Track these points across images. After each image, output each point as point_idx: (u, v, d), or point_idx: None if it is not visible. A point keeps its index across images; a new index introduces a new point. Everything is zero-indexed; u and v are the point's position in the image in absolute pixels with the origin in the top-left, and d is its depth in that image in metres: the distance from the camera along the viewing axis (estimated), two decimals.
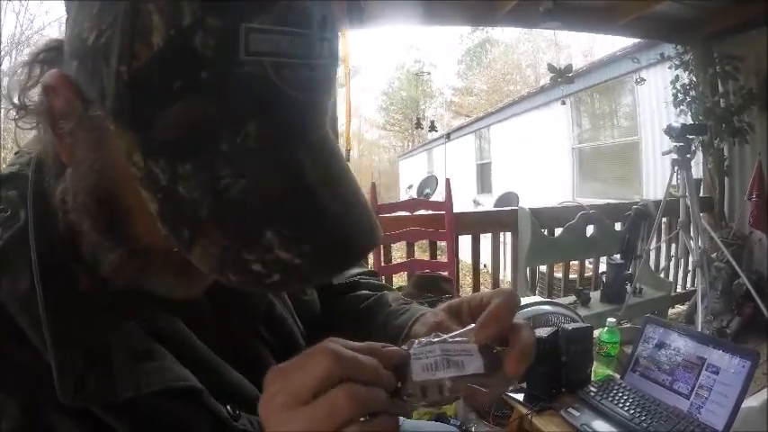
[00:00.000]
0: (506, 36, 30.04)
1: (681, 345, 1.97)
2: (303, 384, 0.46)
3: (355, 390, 0.45)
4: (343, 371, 0.46)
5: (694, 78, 4.93)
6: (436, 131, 14.48)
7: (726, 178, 5.01)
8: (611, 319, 2.40)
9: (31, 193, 0.59)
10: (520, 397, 2.01)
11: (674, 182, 3.89)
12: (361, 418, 0.46)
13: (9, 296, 0.53)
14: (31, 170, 0.61)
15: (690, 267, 4.54)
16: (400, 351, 0.54)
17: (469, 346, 0.55)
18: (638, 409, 1.88)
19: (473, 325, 0.58)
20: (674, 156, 3.74)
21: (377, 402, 0.47)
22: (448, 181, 3.79)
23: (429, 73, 31.43)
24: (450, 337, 0.57)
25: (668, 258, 4.91)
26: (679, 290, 4.93)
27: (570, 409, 1.90)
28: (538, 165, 10.59)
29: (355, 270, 0.99)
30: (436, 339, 0.56)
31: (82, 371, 0.52)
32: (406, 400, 0.52)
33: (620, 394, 1.97)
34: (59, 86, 0.48)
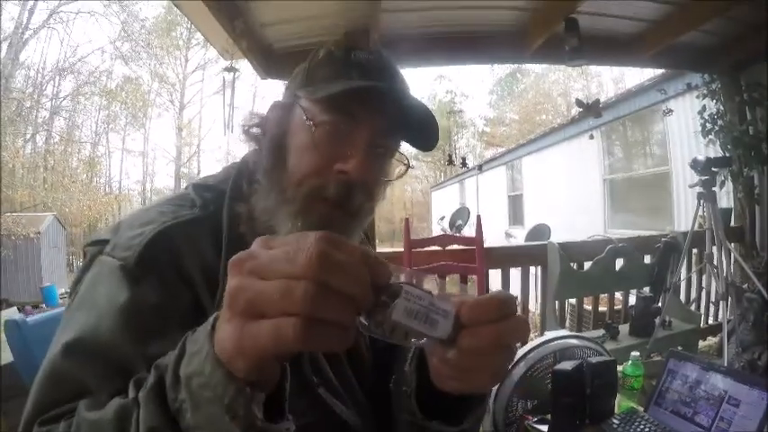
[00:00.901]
0: (537, 66, 30.03)
1: (702, 377, 2.01)
2: (274, 269, 0.48)
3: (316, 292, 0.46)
4: (321, 275, 0.46)
5: (722, 107, 4.90)
6: (467, 168, 14.53)
7: (756, 206, 4.90)
8: (634, 353, 2.44)
9: (230, 188, 1.02)
10: (544, 428, 2.07)
11: (700, 212, 3.92)
12: None
13: (188, 248, 0.90)
14: (231, 178, 1.04)
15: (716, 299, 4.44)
16: (394, 282, 0.55)
17: (449, 309, 0.56)
18: None
19: (469, 295, 0.62)
20: (700, 189, 3.78)
21: (334, 312, 0.48)
22: (479, 217, 3.90)
23: (462, 111, 31.55)
24: (440, 297, 0.57)
25: (698, 290, 4.83)
26: (711, 321, 4.84)
27: None
28: (569, 196, 10.58)
29: None
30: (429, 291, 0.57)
31: None
32: (367, 324, 0.54)
33: (643, 426, 2.01)
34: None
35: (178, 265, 0.87)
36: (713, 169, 3.80)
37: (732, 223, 4.95)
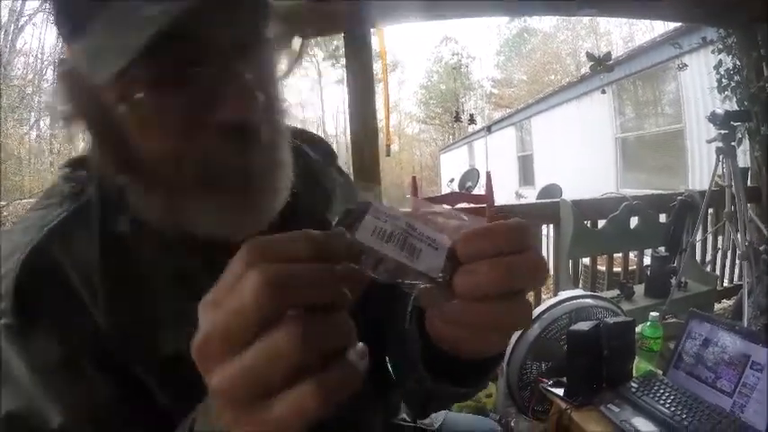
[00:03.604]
0: (544, 25, 29.83)
1: (725, 341, 1.93)
2: (238, 325, 0.37)
3: (300, 326, 0.36)
4: (282, 299, 0.37)
5: (738, 63, 4.75)
6: (475, 125, 14.42)
7: None
8: (653, 314, 2.36)
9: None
10: (560, 391, 2.01)
11: (719, 171, 3.77)
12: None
13: (68, 258, 0.66)
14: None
15: (737, 260, 4.38)
16: (349, 239, 0.43)
17: (441, 239, 0.45)
18: (680, 407, 1.85)
19: (468, 219, 0.49)
20: (719, 144, 3.63)
21: (334, 336, 0.39)
22: (489, 174, 3.76)
23: (467, 65, 31.27)
24: (428, 215, 0.48)
25: (714, 251, 4.75)
26: (726, 284, 4.76)
27: (610, 405, 1.89)
28: (580, 156, 10.45)
29: None
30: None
31: (127, 331, 0.63)
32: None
33: (662, 391, 1.94)
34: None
35: (65, 283, 0.65)
36: (732, 123, 3.64)
37: (749, 183, 4.77)
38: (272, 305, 0.36)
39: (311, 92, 31.11)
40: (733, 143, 3.63)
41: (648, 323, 2.32)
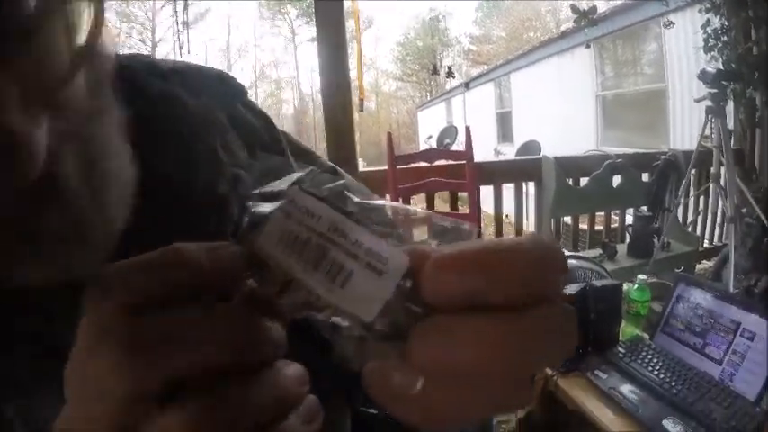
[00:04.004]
0: None
1: (714, 306, 1.89)
2: (102, 415, 0.25)
3: (191, 411, 0.24)
4: (152, 374, 0.24)
5: (726, 23, 4.65)
6: (453, 78, 14.27)
7: (757, 130, 4.76)
8: (641, 276, 2.28)
9: None
10: None
11: (706, 131, 3.69)
12: None
13: None
14: None
15: (722, 222, 4.42)
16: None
17: (392, 255, 0.26)
18: (668, 374, 1.82)
19: (450, 225, 0.30)
20: (709, 103, 3.53)
21: (255, 411, 0.26)
22: (468, 129, 3.64)
23: (444, 17, 30.93)
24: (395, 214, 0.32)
25: (696, 212, 4.75)
26: (706, 244, 4.78)
27: (597, 372, 1.86)
28: (560, 113, 10.32)
29: None
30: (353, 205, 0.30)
31: None
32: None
33: (650, 356, 1.90)
34: None
35: None
36: (723, 82, 3.54)
37: (732, 145, 4.73)
38: (140, 389, 0.24)
39: (285, 51, 30.54)
40: (723, 103, 3.54)
41: (636, 286, 2.25)
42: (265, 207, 0.29)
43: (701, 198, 4.64)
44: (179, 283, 0.26)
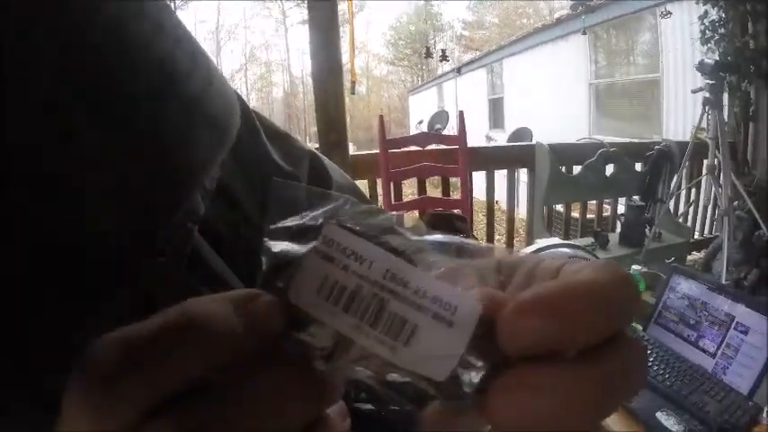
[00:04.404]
0: None
1: (708, 299, 1.86)
2: None
3: None
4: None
5: (724, 15, 4.62)
6: (447, 61, 14.20)
7: (751, 123, 4.75)
8: (635, 266, 2.27)
9: None
10: None
11: (703, 122, 3.66)
12: None
13: None
14: None
15: (715, 215, 4.42)
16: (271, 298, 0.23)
17: (462, 300, 0.22)
18: (662, 366, 1.81)
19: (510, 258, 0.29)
20: (706, 94, 3.50)
21: None
22: (461, 113, 3.58)
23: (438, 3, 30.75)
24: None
25: (687, 204, 4.74)
26: (697, 236, 4.78)
27: None
28: (553, 100, 10.29)
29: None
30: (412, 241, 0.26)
31: None
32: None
33: None
34: None
35: None
36: (721, 74, 3.52)
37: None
38: None
39: (275, 33, 30.20)
40: (720, 94, 3.52)
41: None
42: (289, 246, 0.24)
43: (693, 189, 4.64)
44: (206, 363, 0.21)
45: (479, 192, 4.08)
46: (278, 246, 0.24)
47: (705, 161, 3.81)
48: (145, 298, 0.40)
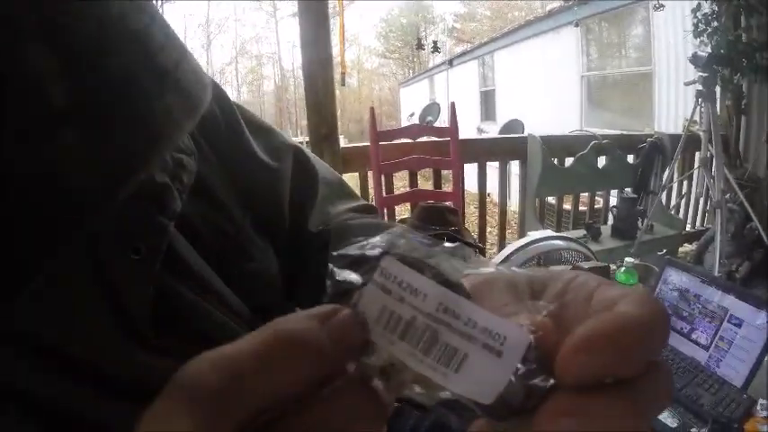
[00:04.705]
0: None
1: (702, 292, 1.85)
2: None
3: None
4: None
5: (717, 8, 4.59)
6: (439, 52, 14.19)
7: (743, 117, 4.75)
8: (629, 259, 2.25)
9: None
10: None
11: (696, 114, 3.68)
12: None
13: None
14: None
15: (707, 207, 4.42)
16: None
17: (510, 331, 0.24)
18: None
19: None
20: (699, 87, 3.50)
21: None
22: (453, 105, 3.56)
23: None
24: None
25: (679, 196, 4.74)
26: (688, 228, 4.78)
27: None
28: (544, 92, 10.32)
29: (343, 206, 0.75)
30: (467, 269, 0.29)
31: None
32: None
33: None
34: None
35: None
36: (715, 67, 3.54)
37: None
38: None
39: (266, 26, 30.04)
40: (715, 87, 3.56)
41: (623, 269, 2.21)
42: (351, 276, 0.26)
43: (685, 182, 4.64)
44: (300, 376, 0.23)
45: (471, 184, 4.06)
46: (341, 273, 0.26)
47: (697, 153, 3.83)
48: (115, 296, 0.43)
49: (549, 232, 2.55)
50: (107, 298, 0.42)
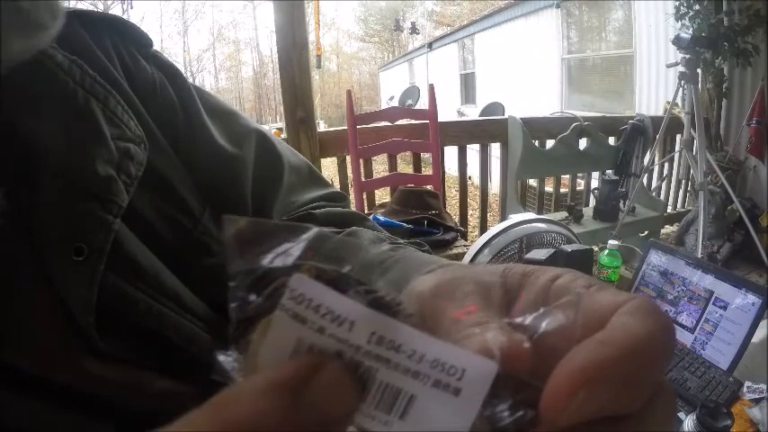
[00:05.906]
0: None
1: (687, 275, 1.84)
2: None
3: None
4: None
5: None
6: (418, 34, 14.17)
7: (724, 100, 4.81)
8: (612, 241, 2.21)
9: None
10: None
11: (677, 98, 3.69)
12: None
13: None
14: None
15: (688, 189, 4.55)
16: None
17: (469, 364, 0.19)
18: None
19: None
20: (682, 69, 3.49)
21: None
22: (432, 87, 3.49)
23: None
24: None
25: (660, 178, 4.77)
26: (669, 210, 4.81)
27: None
28: (525, 75, 10.35)
29: (311, 194, 0.70)
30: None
31: None
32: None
33: None
34: None
35: None
36: (698, 48, 3.54)
37: None
38: None
39: (243, 11, 29.74)
40: (698, 69, 3.56)
41: (606, 251, 2.18)
42: (255, 298, 0.20)
43: (666, 164, 4.67)
44: None
45: (452, 167, 4.02)
46: (243, 294, 0.21)
47: (678, 136, 3.85)
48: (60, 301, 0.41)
49: (531, 215, 2.50)
50: (53, 303, 0.41)
